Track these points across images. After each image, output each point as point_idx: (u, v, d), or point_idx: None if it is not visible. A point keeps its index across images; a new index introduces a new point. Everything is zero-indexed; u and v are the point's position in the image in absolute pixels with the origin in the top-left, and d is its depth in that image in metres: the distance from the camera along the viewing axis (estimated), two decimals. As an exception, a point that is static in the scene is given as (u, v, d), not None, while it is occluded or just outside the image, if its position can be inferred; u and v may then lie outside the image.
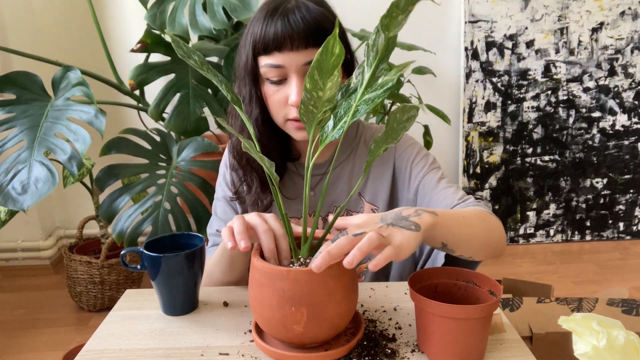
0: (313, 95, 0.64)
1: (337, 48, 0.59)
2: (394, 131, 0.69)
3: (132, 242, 1.55)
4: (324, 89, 0.63)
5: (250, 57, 0.86)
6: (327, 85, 0.63)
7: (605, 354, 0.52)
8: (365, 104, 0.66)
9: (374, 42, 0.61)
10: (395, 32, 0.59)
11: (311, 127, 0.68)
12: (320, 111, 0.66)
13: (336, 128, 0.68)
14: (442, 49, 2.44)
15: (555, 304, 1.37)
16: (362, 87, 0.65)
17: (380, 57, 0.62)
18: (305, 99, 0.64)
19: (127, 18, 2.34)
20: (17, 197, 1.33)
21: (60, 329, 1.94)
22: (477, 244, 0.80)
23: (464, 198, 0.91)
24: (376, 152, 0.68)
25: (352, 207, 1.00)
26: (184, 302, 0.82)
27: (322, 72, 0.61)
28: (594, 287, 2.19)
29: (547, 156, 2.57)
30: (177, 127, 1.66)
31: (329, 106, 0.66)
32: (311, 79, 0.62)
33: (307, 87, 0.63)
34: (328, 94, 0.64)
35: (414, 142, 1.02)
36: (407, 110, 0.71)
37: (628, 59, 2.48)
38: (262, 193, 0.95)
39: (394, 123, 0.69)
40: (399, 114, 0.70)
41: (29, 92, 1.54)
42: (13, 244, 2.42)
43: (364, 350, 0.70)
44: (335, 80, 0.63)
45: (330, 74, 0.61)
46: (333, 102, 0.66)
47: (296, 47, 0.82)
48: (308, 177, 0.69)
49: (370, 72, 0.63)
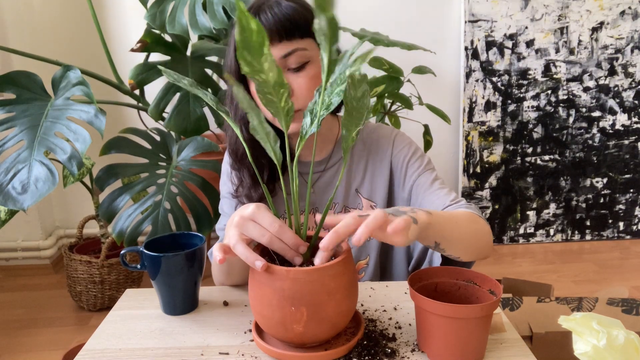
0: (257, 80, 0.62)
1: (253, 24, 0.58)
2: (356, 110, 0.69)
3: (132, 242, 1.55)
4: (263, 71, 0.61)
5: (234, 58, 0.90)
6: (264, 66, 0.61)
7: (606, 354, 0.52)
8: (337, 96, 0.67)
9: (320, 27, 0.61)
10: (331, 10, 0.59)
11: (281, 117, 0.67)
12: (280, 99, 0.65)
13: (313, 123, 0.69)
14: (442, 48, 2.44)
15: (555, 303, 1.37)
16: (324, 72, 0.65)
17: (329, 40, 0.62)
18: (257, 87, 0.63)
19: (127, 17, 2.34)
20: (17, 197, 1.33)
21: (60, 329, 1.94)
22: (466, 245, 0.83)
23: (456, 200, 0.93)
24: (349, 136, 0.69)
25: (351, 203, 1.02)
26: (184, 301, 0.82)
27: (251, 50, 0.59)
28: (594, 286, 2.19)
29: (547, 156, 2.57)
30: (177, 127, 1.66)
31: (284, 93, 0.64)
32: (245, 62, 0.60)
33: (246, 70, 0.61)
34: (271, 76, 0.62)
35: (410, 142, 1.04)
36: (357, 85, 0.68)
37: (628, 59, 2.48)
38: (253, 188, 0.97)
39: (352, 102, 0.68)
40: (352, 90, 0.68)
41: (29, 91, 1.54)
42: (13, 243, 2.43)
43: (364, 350, 0.70)
44: (269, 60, 0.61)
45: (259, 52, 0.60)
46: (285, 86, 0.64)
47: (270, 42, 0.87)
48: (295, 172, 0.70)
49: (327, 56, 0.63)
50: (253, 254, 0.65)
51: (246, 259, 0.65)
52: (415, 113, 2.09)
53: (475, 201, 2.60)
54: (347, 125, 0.69)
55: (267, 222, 0.67)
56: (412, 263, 1.04)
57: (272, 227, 0.67)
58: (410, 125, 2.10)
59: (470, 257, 0.85)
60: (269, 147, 0.68)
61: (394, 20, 2.42)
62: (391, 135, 1.03)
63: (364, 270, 1.04)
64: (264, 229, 0.67)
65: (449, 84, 2.52)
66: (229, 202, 1.02)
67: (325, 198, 1.01)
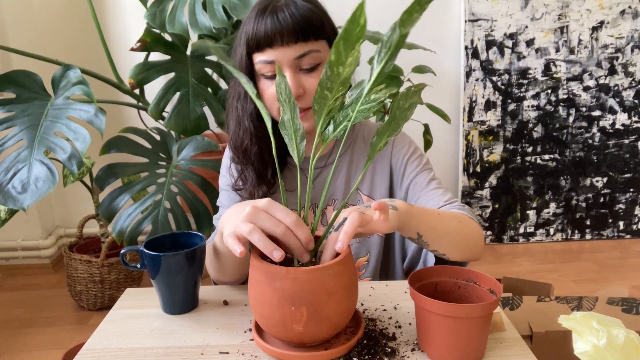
0: (334, 72, 0.62)
1: (363, 19, 0.59)
2: (396, 120, 0.69)
3: (132, 241, 1.55)
4: (344, 64, 0.61)
5: (245, 55, 0.91)
6: (348, 60, 0.61)
7: (606, 353, 0.51)
8: (361, 114, 0.68)
9: (389, 39, 0.61)
10: (409, 29, 0.60)
11: (320, 116, 0.67)
12: (333, 97, 0.65)
13: (335, 132, 0.69)
14: (442, 47, 2.44)
15: (555, 302, 1.37)
16: (370, 82, 0.65)
17: (391, 53, 0.62)
18: (324, 77, 0.63)
19: (127, 17, 2.34)
20: (17, 196, 1.33)
21: (60, 328, 1.94)
22: (451, 243, 0.83)
23: (450, 201, 0.94)
24: (378, 144, 0.68)
25: (350, 201, 1.03)
26: (184, 300, 0.82)
27: (348, 42, 0.60)
28: (593, 285, 2.19)
29: (547, 155, 2.57)
30: (177, 126, 1.66)
31: (342, 91, 0.65)
32: (336, 50, 0.60)
33: (332, 59, 0.61)
34: (347, 71, 0.62)
35: (410, 142, 1.05)
36: (409, 97, 0.69)
37: (628, 58, 2.48)
38: (258, 185, 0.97)
39: (397, 111, 0.68)
40: (402, 100, 0.68)
41: (29, 91, 1.54)
42: (13, 243, 2.42)
43: (364, 349, 0.70)
44: (355, 55, 0.62)
45: (353, 46, 0.60)
46: (346, 85, 0.65)
47: (286, 43, 0.87)
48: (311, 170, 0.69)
49: (380, 67, 0.63)
50: (271, 243, 0.63)
51: (264, 247, 0.63)
52: (415, 112, 2.07)
53: (475, 200, 2.60)
54: (381, 134, 0.67)
55: (282, 215, 0.65)
56: (407, 262, 1.05)
57: (288, 218, 0.65)
58: (410, 125, 2.08)
59: (457, 256, 0.85)
60: (293, 144, 0.67)
61: (394, 19, 2.41)
62: None
63: (365, 267, 1.05)
64: (279, 221, 0.65)
65: (449, 84, 2.51)
66: (227, 194, 1.03)
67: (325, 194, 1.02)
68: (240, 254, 0.64)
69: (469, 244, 0.86)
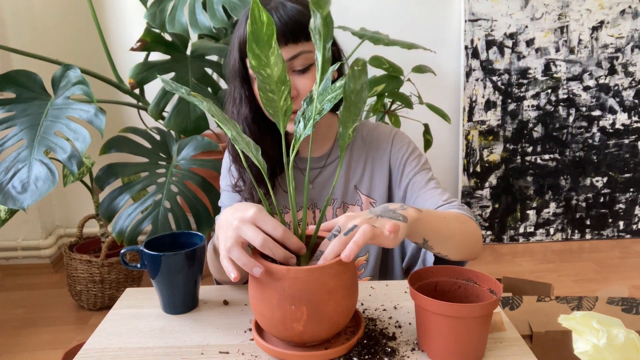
0: (263, 74, 0.63)
1: (264, 15, 0.59)
2: (354, 105, 0.68)
3: (132, 241, 1.55)
4: (269, 65, 0.62)
5: (237, 59, 0.91)
6: (270, 59, 0.62)
7: (606, 352, 0.52)
8: (329, 102, 0.69)
9: (314, 25, 0.62)
10: (327, 8, 0.60)
11: (279, 118, 0.68)
12: (280, 97, 0.65)
13: (307, 127, 0.69)
14: (442, 47, 2.44)
15: (555, 302, 1.37)
16: (318, 72, 0.65)
17: (324, 37, 0.62)
18: (260, 84, 0.64)
19: (127, 16, 2.34)
20: (17, 196, 1.33)
21: (60, 328, 1.94)
22: (454, 244, 0.84)
23: (449, 200, 0.94)
24: (345, 134, 0.68)
25: (350, 200, 1.03)
26: (184, 300, 0.82)
27: (260, 43, 0.60)
28: (593, 285, 2.19)
29: (547, 155, 2.57)
30: (177, 126, 1.66)
31: (285, 90, 0.65)
32: (252, 55, 0.61)
33: (253, 64, 0.62)
34: (276, 71, 0.63)
35: (409, 142, 1.05)
36: (357, 77, 0.67)
37: (628, 58, 2.48)
38: (254, 187, 0.97)
39: (351, 95, 0.67)
40: (351, 83, 0.66)
41: (29, 90, 1.54)
42: (13, 242, 2.42)
43: (364, 349, 0.70)
44: (276, 53, 0.62)
45: (269, 45, 0.61)
46: (286, 83, 0.65)
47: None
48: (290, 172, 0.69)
49: (321, 55, 0.64)
50: (250, 260, 0.64)
51: (244, 265, 0.64)
52: (415, 112, 2.09)
53: (475, 200, 2.60)
54: (344, 122, 0.68)
55: (270, 227, 0.66)
56: (406, 261, 1.05)
57: (275, 232, 0.66)
58: (410, 125, 2.10)
59: (459, 257, 0.86)
60: (251, 156, 0.67)
61: (394, 19, 2.42)
62: (390, 133, 1.04)
63: (364, 267, 1.05)
64: (259, 231, 0.65)
65: (449, 83, 2.51)
66: (228, 195, 1.03)
67: (324, 194, 1.02)
68: (234, 279, 0.65)
69: (469, 244, 0.86)
